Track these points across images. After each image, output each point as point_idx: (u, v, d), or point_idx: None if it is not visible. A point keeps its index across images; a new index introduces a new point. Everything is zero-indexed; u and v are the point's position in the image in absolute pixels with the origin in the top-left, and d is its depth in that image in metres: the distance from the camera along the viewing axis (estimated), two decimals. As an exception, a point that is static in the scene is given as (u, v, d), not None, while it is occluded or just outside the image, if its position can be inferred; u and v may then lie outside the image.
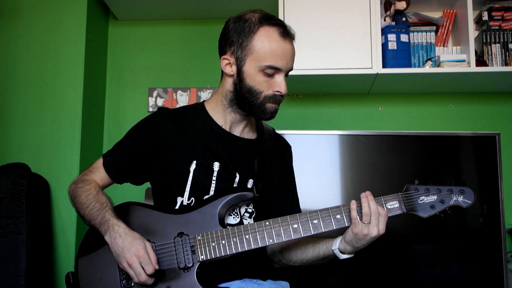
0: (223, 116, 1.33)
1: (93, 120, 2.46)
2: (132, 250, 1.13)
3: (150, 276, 1.14)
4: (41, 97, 2.34)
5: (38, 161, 2.27)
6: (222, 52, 1.29)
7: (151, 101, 2.56)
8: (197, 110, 1.36)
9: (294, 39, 1.26)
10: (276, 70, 1.23)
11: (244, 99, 1.26)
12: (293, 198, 1.44)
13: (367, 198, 1.18)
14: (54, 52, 2.37)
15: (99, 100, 2.55)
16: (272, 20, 1.24)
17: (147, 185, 1.44)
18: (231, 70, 1.27)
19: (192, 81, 2.57)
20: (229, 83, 1.29)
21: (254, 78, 1.23)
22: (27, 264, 1.95)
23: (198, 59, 2.58)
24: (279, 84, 1.24)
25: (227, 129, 1.33)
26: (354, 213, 1.18)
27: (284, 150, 1.46)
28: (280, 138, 1.48)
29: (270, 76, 1.23)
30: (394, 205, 1.19)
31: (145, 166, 1.33)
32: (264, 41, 1.21)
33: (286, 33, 1.23)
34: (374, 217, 1.16)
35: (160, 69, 2.60)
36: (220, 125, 1.32)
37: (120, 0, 2.40)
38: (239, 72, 1.25)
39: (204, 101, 1.40)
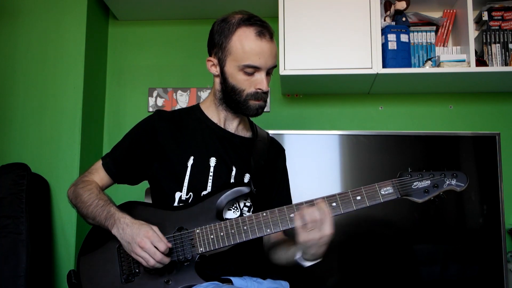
0: (216, 114, 1.38)
1: (93, 120, 2.46)
2: (142, 233, 1.15)
3: (164, 254, 1.15)
4: (41, 97, 2.34)
5: (38, 161, 2.27)
6: (208, 53, 1.36)
7: (151, 101, 2.56)
8: (193, 110, 1.42)
9: (272, 37, 1.28)
10: (255, 68, 1.26)
11: (229, 98, 1.31)
12: (287, 200, 1.46)
13: (299, 214, 1.15)
14: (54, 52, 2.36)
15: (99, 100, 2.55)
16: (250, 20, 1.27)
17: (147, 184, 1.44)
18: (216, 70, 1.33)
19: (192, 81, 2.57)
20: (217, 83, 1.35)
21: (235, 77, 1.28)
22: (27, 264, 1.95)
23: (198, 59, 2.57)
24: (260, 81, 1.27)
25: (222, 126, 1.37)
26: (297, 222, 1.15)
27: (278, 152, 1.49)
28: (274, 141, 1.51)
29: (250, 74, 1.27)
30: (388, 190, 1.20)
31: (143, 165, 1.35)
32: (241, 41, 1.25)
33: (262, 32, 1.26)
34: (312, 224, 1.14)
35: (160, 69, 2.60)
36: (215, 122, 1.37)
37: (120, 0, 2.40)
38: (222, 72, 1.31)
39: (199, 103, 1.45)
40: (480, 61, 2.15)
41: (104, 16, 2.62)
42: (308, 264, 1.23)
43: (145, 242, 1.14)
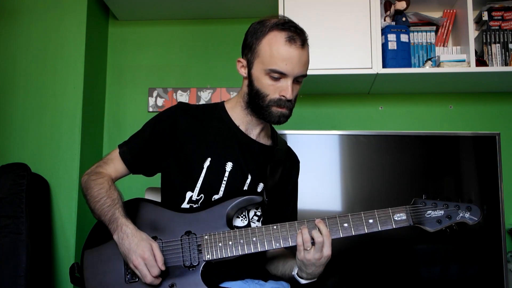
0: (240, 117, 1.35)
1: (93, 120, 2.46)
2: (138, 252, 1.13)
3: (157, 276, 1.14)
4: (41, 97, 2.34)
5: (38, 161, 2.27)
6: (241, 54, 1.33)
7: (151, 101, 2.55)
8: (217, 109, 1.39)
9: (304, 44, 1.25)
10: (282, 74, 1.24)
11: (253, 102, 1.29)
12: (292, 213, 1.45)
13: (301, 232, 1.17)
14: (54, 52, 2.36)
15: (99, 100, 2.55)
16: (284, 25, 1.24)
17: (148, 184, 1.44)
18: (244, 72, 1.31)
19: (192, 81, 2.57)
20: (245, 85, 1.32)
21: (261, 81, 1.25)
22: (27, 264, 1.95)
23: (198, 59, 2.58)
24: (285, 88, 1.25)
25: (244, 131, 1.35)
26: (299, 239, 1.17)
27: (293, 164, 1.47)
28: (291, 152, 1.50)
29: (276, 80, 1.24)
30: (401, 217, 1.21)
31: (160, 157, 1.33)
32: (270, 45, 1.23)
33: (293, 38, 1.22)
34: (317, 244, 1.16)
35: (160, 69, 2.60)
36: (238, 125, 1.35)
37: (120, 0, 2.40)
38: (249, 74, 1.28)
39: (224, 101, 1.41)
40: (480, 61, 2.15)
41: (104, 16, 2.62)
42: (303, 282, 1.22)
43: (139, 262, 1.13)
